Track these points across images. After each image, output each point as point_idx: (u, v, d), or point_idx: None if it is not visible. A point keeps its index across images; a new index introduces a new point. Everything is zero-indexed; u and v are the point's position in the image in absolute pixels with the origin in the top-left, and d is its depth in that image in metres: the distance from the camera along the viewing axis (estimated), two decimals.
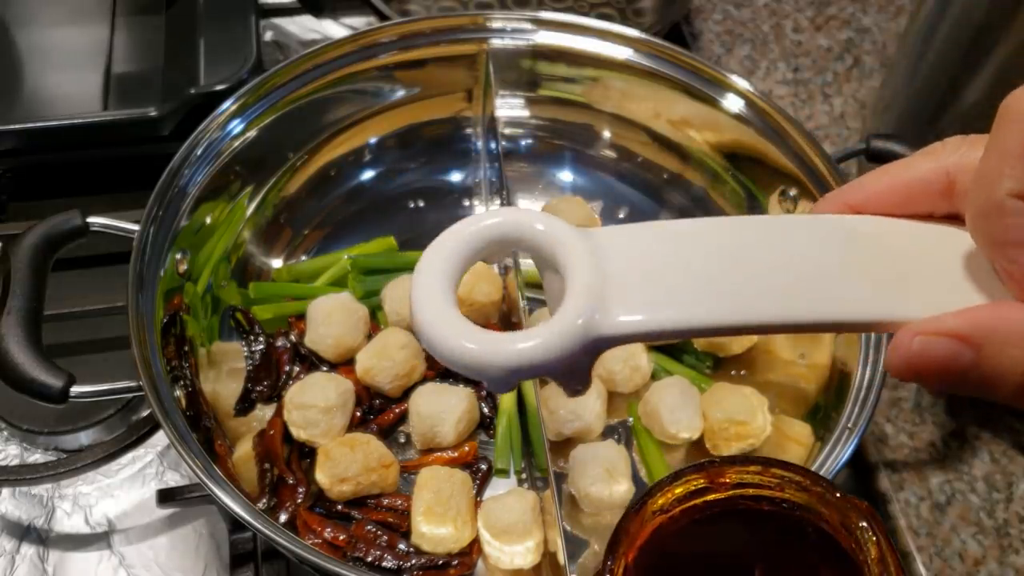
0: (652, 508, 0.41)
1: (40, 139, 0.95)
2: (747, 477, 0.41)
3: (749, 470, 0.41)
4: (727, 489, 0.41)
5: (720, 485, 0.41)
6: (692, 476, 0.41)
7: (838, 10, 1.24)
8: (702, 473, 0.41)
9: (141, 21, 1.06)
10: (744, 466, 0.41)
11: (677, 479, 0.41)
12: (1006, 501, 0.83)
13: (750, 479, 0.41)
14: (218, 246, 0.83)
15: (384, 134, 0.95)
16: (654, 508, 0.41)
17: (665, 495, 0.41)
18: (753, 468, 0.41)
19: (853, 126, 1.12)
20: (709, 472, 0.41)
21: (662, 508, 0.41)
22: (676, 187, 0.94)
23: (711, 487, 0.41)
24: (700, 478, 0.41)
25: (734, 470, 0.41)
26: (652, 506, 0.41)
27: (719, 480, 0.41)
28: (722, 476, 0.41)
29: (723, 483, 0.41)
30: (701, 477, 0.41)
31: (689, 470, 0.41)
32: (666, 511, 0.41)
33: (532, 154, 0.98)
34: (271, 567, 0.74)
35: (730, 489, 0.41)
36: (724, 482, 0.41)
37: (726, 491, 0.41)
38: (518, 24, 0.91)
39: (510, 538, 0.71)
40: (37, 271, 0.71)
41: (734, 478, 0.41)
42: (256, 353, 0.81)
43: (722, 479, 0.41)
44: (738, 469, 0.41)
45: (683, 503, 0.41)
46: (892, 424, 0.88)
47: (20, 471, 0.78)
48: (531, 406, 0.79)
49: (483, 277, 0.83)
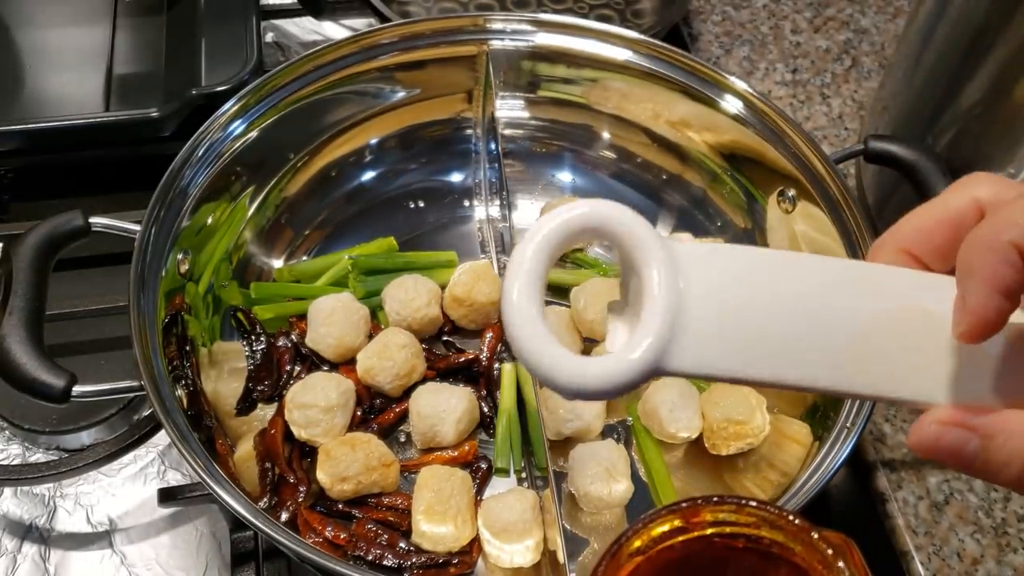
0: (628, 550, 0.41)
1: (42, 139, 0.95)
2: (722, 516, 0.41)
3: (724, 509, 0.41)
4: (703, 528, 0.41)
5: (696, 524, 0.41)
6: (668, 516, 0.41)
7: (837, 11, 1.25)
8: (677, 513, 0.41)
9: (142, 22, 1.07)
10: (719, 505, 0.41)
11: (653, 520, 0.41)
12: (1004, 500, 0.83)
13: (725, 518, 0.41)
14: (219, 246, 0.83)
15: (385, 135, 0.95)
16: (630, 550, 0.41)
17: (641, 536, 0.41)
18: (728, 507, 0.41)
19: (851, 127, 1.12)
20: (685, 512, 0.41)
21: (639, 550, 0.41)
22: (675, 187, 0.95)
23: (687, 527, 0.41)
24: (676, 518, 0.41)
25: (709, 509, 0.41)
26: (628, 548, 0.41)
27: (694, 520, 0.41)
28: (697, 515, 0.41)
29: (699, 522, 0.41)
30: (677, 517, 0.41)
31: (664, 510, 0.41)
32: (643, 552, 0.41)
33: (532, 155, 0.98)
34: (272, 566, 0.74)
35: (706, 528, 0.41)
36: (700, 521, 0.41)
37: (702, 530, 0.41)
38: (518, 25, 0.92)
39: (510, 537, 0.71)
40: (39, 271, 0.71)
41: (709, 518, 0.41)
42: (257, 353, 0.81)
43: (697, 518, 0.41)
44: (713, 508, 0.41)
45: (659, 543, 0.41)
46: (890, 423, 0.89)
47: (22, 470, 0.78)
48: (531, 406, 0.79)
49: (483, 277, 0.84)
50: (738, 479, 0.78)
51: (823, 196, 0.82)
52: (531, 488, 0.77)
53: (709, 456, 0.79)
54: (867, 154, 0.81)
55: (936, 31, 0.81)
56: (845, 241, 0.79)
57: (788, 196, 0.86)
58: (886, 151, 0.80)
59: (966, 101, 0.77)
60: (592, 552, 0.75)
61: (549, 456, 0.72)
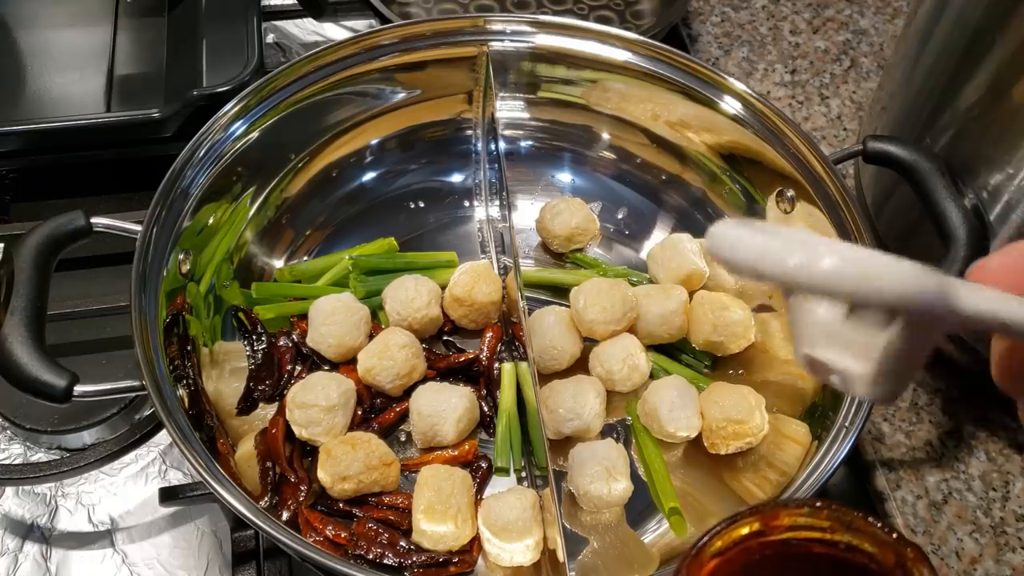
0: (710, 551, 0.42)
1: (44, 140, 0.95)
2: (801, 520, 0.42)
3: (802, 512, 0.42)
4: (781, 531, 0.42)
5: (774, 528, 0.42)
6: (748, 519, 0.42)
7: (835, 12, 1.25)
8: (757, 516, 0.42)
9: (144, 23, 1.07)
10: (798, 509, 0.42)
11: (734, 522, 0.42)
12: (1003, 500, 0.84)
13: (804, 521, 0.42)
14: (220, 247, 0.84)
15: (385, 136, 0.95)
16: (712, 551, 0.42)
17: (723, 538, 0.42)
18: (806, 511, 0.42)
19: (850, 127, 1.12)
20: (764, 515, 0.42)
21: (719, 551, 0.42)
22: (675, 188, 0.95)
23: (766, 530, 0.42)
24: (755, 521, 0.42)
25: (788, 513, 0.42)
26: (710, 549, 0.42)
27: (773, 523, 0.42)
28: (776, 519, 0.42)
29: (777, 526, 0.42)
30: (756, 520, 0.42)
31: (744, 514, 0.42)
32: (722, 553, 0.42)
33: (532, 155, 0.98)
34: (273, 565, 0.75)
35: (784, 531, 0.42)
36: (778, 525, 0.42)
37: (780, 533, 0.42)
38: (518, 27, 0.92)
39: (510, 536, 0.71)
40: (41, 271, 0.71)
41: (788, 521, 0.42)
42: (258, 353, 0.82)
43: (776, 522, 0.42)
44: (792, 512, 0.42)
45: (739, 545, 0.42)
46: (889, 423, 0.89)
47: (23, 470, 0.78)
48: (531, 405, 0.79)
49: (483, 277, 0.84)
50: (737, 478, 0.78)
51: (822, 196, 0.82)
52: (531, 487, 0.77)
53: (708, 455, 0.79)
54: (866, 154, 0.81)
55: (935, 32, 0.81)
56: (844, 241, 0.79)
57: (787, 196, 0.86)
58: (885, 151, 0.80)
59: (964, 101, 0.78)
60: (592, 551, 0.75)
61: (549, 455, 0.72)
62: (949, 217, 0.76)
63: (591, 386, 0.79)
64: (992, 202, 0.77)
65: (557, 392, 0.79)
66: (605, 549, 0.75)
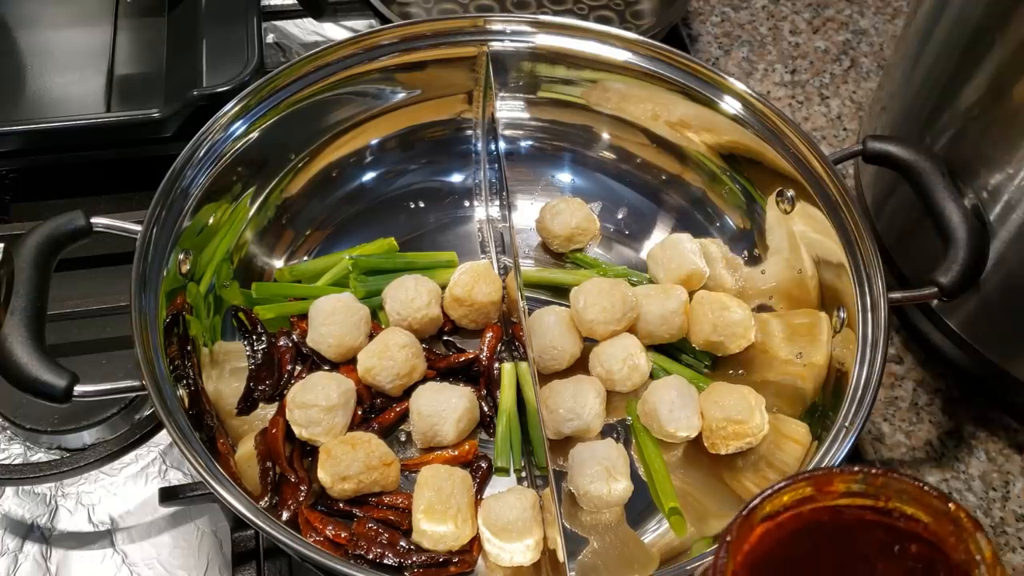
0: (760, 514, 0.41)
1: (44, 140, 0.95)
2: (855, 486, 0.42)
3: (856, 479, 0.41)
4: (833, 497, 0.42)
5: (826, 493, 0.42)
6: (800, 484, 0.42)
7: (835, 12, 1.25)
8: (810, 481, 0.42)
9: (144, 23, 1.07)
10: (852, 475, 0.42)
11: (785, 487, 0.42)
12: (1003, 500, 0.84)
13: (857, 488, 0.42)
14: (220, 247, 0.84)
15: (385, 136, 0.95)
16: (762, 514, 0.42)
17: (772, 501, 0.42)
18: (860, 477, 0.41)
19: (850, 127, 1.12)
20: (817, 480, 0.42)
21: (769, 515, 0.42)
22: (675, 188, 0.95)
23: (817, 495, 0.42)
24: (807, 486, 0.42)
25: (841, 478, 0.42)
26: (760, 512, 0.42)
27: (826, 488, 0.42)
28: (830, 484, 0.42)
29: (830, 491, 0.42)
30: (808, 485, 0.42)
31: (797, 477, 0.42)
32: (772, 517, 0.42)
33: (532, 155, 0.98)
34: (273, 565, 0.75)
35: (837, 497, 0.42)
36: (831, 490, 0.42)
37: (832, 499, 0.42)
38: (518, 27, 0.92)
39: (510, 536, 0.71)
40: (41, 271, 0.71)
41: (841, 487, 0.42)
42: (258, 353, 0.82)
43: (829, 487, 0.42)
44: (845, 477, 0.42)
45: (789, 510, 0.42)
46: (889, 423, 0.89)
47: (23, 470, 0.78)
48: (531, 405, 0.79)
49: (483, 277, 0.84)
50: (737, 478, 0.78)
51: (822, 196, 0.82)
52: (531, 487, 0.77)
53: (708, 455, 0.79)
54: (866, 154, 0.81)
55: (934, 32, 0.81)
56: (844, 241, 0.79)
57: (787, 196, 0.86)
58: (884, 151, 0.80)
59: (964, 101, 0.78)
60: (592, 551, 0.75)
61: (549, 455, 0.72)
62: (949, 217, 0.76)
63: (591, 386, 0.79)
64: (992, 202, 0.77)
65: (557, 392, 0.79)
66: (605, 549, 0.75)
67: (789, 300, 0.86)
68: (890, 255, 0.88)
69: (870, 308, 0.75)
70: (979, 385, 0.91)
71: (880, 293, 0.75)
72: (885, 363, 0.72)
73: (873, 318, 0.75)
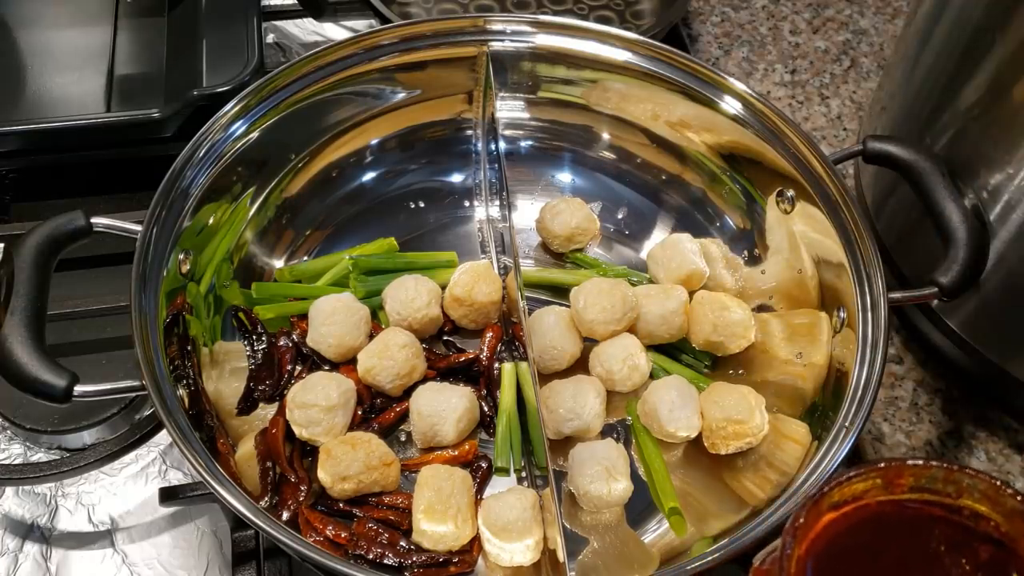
0: (829, 502, 0.41)
1: (44, 140, 0.95)
2: (924, 481, 0.41)
3: (928, 473, 0.41)
4: (902, 491, 0.41)
5: (896, 486, 0.41)
6: (870, 474, 0.41)
7: (835, 12, 1.25)
8: (880, 472, 0.41)
9: (144, 23, 1.07)
10: (924, 469, 0.41)
11: (856, 476, 0.41)
12: None
13: (927, 483, 0.41)
14: (220, 246, 0.84)
15: (385, 135, 0.95)
16: (831, 502, 0.41)
17: (843, 490, 0.41)
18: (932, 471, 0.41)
19: (850, 127, 1.12)
20: (887, 472, 0.41)
21: (837, 503, 0.41)
22: (675, 188, 0.95)
23: (886, 487, 0.41)
24: (877, 476, 0.41)
25: (912, 471, 0.41)
26: (829, 499, 0.41)
27: (897, 480, 0.41)
28: (900, 476, 0.41)
29: (900, 484, 0.41)
30: (879, 476, 0.41)
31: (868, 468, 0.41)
32: (840, 506, 0.41)
33: (532, 155, 0.98)
34: (273, 565, 0.75)
35: (906, 491, 0.41)
36: (901, 483, 0.41)
37: (901, 493, 0.41)
38: (518, 27, 0.92)
39: (510, 536, 0.71)
40: (41, 271, 0.71)
41: (911, 481, 0.41)
42: (258, 353, 0.82)
43: (900, 480, 0.41)
44: (917, 470, 0.41)
45: (857, 500, 0.41)
46: (889, 423, 0.89)
47: (23, 470, 0.78)
48: (531, 405, 0.79)
49: (483, 277, 0.84)
50: (737, 478, 0.78)
51: (822, 196, 0.82)
52: (531, 487, 0.77)
53: (708, 455, 0.79)
54: (866, 154, 0.81)
55: (934, 32, 0.81)
56: (844, 241, 0.79)
57: (787, 196, 0.86)
58: (884, 151, 0.80)
59: (964, 101, 0.78)
60: (592, 551, 0.75)
61: (549, 455, 0.72)
62: (949, 217, 0.76)
63: (591, 386, 0.79)
64: (992, 202, 0.77)
65: (557, 392, 0.79)
66: (605, 549, 0.75)
67: (789, 300, 0.86)
68: (890, 255, 0.88)
69: (870, 308, 0.75)
70: (979, 385, 0.91)
71: (880, 293, 0.75)
72: (885, 363, 0.72)
73: (873, 318, 0.75)
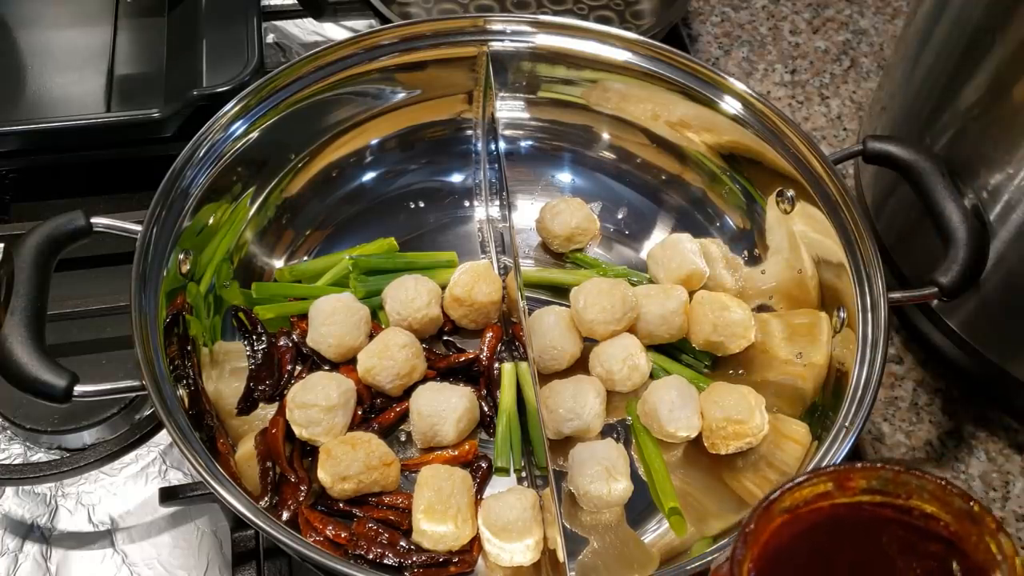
0: (780, 507, 0.41)
1: (44, 140, 0.95)
2: (875, 483, 0.41)
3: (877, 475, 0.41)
4: (853, 493, 0.41)
5: (847, 489, 0.41)
6: (821, 478, 0.41)
7: (835, 12, 1.25)
8: (831, 476, 0.41)
9: (144, 23, 1.07)
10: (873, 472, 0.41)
11: (806, 481, 0.41)
12: (1003, 500, 0.84)
13: (878, 485, 0.41)
14: (220, 246, 0.84)
15: (385, 136, 0.95)
16: (781, 507, 0.41)
17: (793, 495, 0.41)
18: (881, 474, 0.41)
19: (850, 127, 1.12)
20: (838, 475, 0.41)
21: (788, 508, 0.41)
22: (675, 188, 0.95)
23: (837, 491, 0.41)
24: (828, 480, 0.41)
25: (862, 474, 0.41)
26: (780, 505, 0.41)
27: (847, 484, 0.41)
28: (850, 480, 0.41)
29: (850, 487, 0.41)
30: (829, 480, 0.41)
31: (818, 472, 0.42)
32: (792, 511, 0.41)
33: (532, 155, 0.98)
34: (273, 565, 0.75)
35: (857, 493, 0.42)
36: (851, 486, 0.41)
37: (852, 496, 0.41)
38: (518, 27, 0.92)
39: (510, 536, 0.71)
40: (41, 271, 0.71)
41: (862, 484, 0.41)
42: (258, 353, 0.82)
43: (850, 483, 0.41)
44: (866, 474, 0.41)
45: (809, 504, 0.42)
46: (889, 423, 0.89)
47: (23, 470, 0.78)
48: (531, 405, 0.79)
49: (483, 277, 0.84)
50: (737, 478, 0.78)
51: (822, 196, 0.82)
52: (531, 487, 0.77)
53: (708, 455, 0.79)
54: (865, 154, 0.81)
55: (934, 32, 0.81)
56: (844, 241, 0.79)
57: (787, 196, 0.86)
58: (884, 151, 0.80)
59: (964, 101, 0.78)
60: (592, 551, 0.75)
61: (549, 455, 0.72)
62: (949, 217, 0.76)
63: (591, 386, 0.79)
64: (992, 202, 0.77)
65: (557, 392, 0.79)
66: (605, 549, 0.75)
67: (789, 300, 0.86)
68: (890, 255, 0.88)
69: (870, 308, 0.75)
70: (979, 385, 0.91)
71: (880, 293, 0.75)
72: (885, 363, 0.72)
73: (873, 318, 0.75)
